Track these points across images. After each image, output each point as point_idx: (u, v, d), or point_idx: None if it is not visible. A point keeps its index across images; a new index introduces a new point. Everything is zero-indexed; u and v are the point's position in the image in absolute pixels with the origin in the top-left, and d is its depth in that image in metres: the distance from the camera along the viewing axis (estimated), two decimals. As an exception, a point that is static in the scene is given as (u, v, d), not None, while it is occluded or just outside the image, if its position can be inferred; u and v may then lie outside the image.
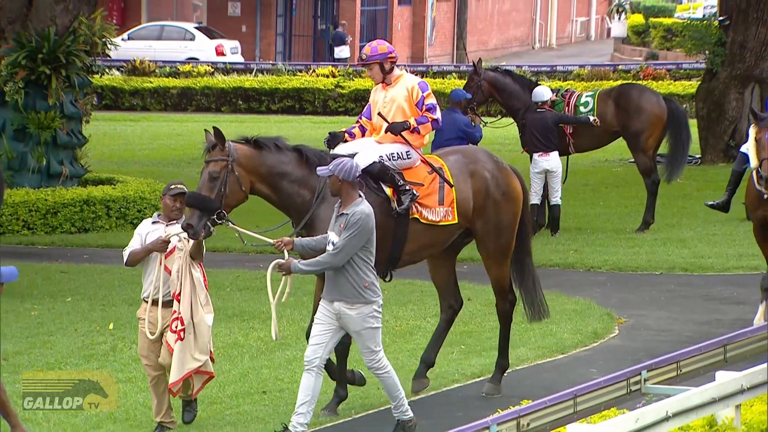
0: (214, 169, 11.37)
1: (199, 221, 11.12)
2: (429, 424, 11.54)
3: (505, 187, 12.50)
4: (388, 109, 12.20)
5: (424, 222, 12.06)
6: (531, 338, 14.84)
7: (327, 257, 10.76)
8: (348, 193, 10.84)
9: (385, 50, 12.29)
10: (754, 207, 14.32)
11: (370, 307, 10.89)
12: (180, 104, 39.78)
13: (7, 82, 21.26)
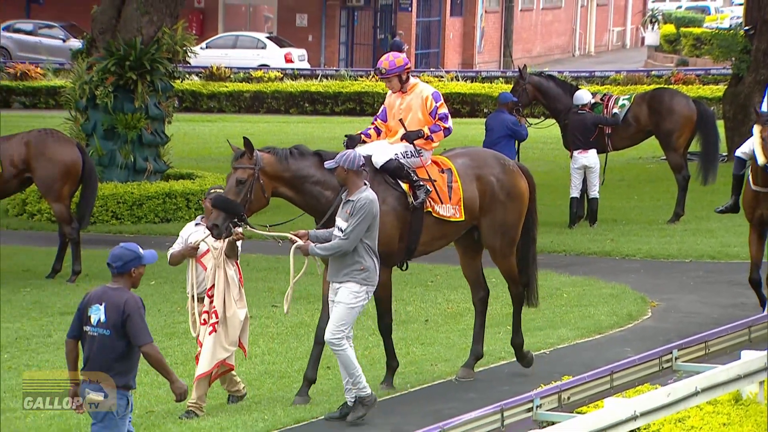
0: (241, 175, 11.26)
1: (223, 222, 11.01)
2: (477, 398, 11.52)
3: (510, 188, 12.34)
4: (405, 117, 12.06)
5: (436, 216, 11.95)
6: (571, 320, 14.80)
7: (338, 242, 10.75)
8: (353, 182, 10.82)
9: (402, 63, 12.07)
10: (752, 207, 13.94)
11: (360, 287, 10.82)
12: (252, 107, 39.88)
13: (98, 87, 21.41)
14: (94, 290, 8.70)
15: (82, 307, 8.60)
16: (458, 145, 33.67)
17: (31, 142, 17.54)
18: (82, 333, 8.59)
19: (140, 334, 8.46)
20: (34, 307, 16.02)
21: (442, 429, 8.63)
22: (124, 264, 8.54)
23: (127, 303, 8.45)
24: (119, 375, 8.52)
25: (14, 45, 47.29)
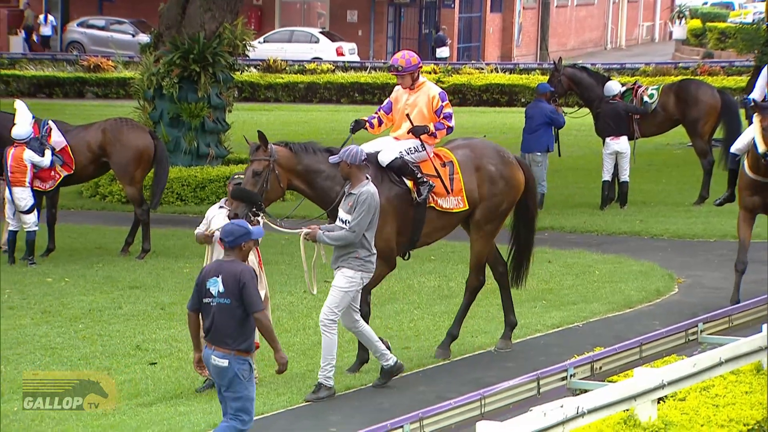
0: (257, 167, 11.22)
1: (243, 212, 10.97)
2: (515, 367, 11.50)
3: (508, 178, 12.19)
4: (410, 112, 11.93)
5: (439, 209, 11.85)
6: (603, 295, 14.73)
7: (344, 233, 10.70)
8: (356, 176, 10.74)
9: (416, 62, 11.99)
10: (748, 194, 13.68)
11: (355, 273, 10.78)
12: (306, 97, 39.89)
13: (165, 78, 21.49)
14: (209, 265, 8.98)
15: (200, 281, 8.80)
16: (498, 131, 33.68)
17: (107, 129, 17.74)
18: (201, 305, 8.77)
19: (254, 302, 8.68)
20: (105, 282, 16.11)
21: (482, 396, 8.62)
22: (235, 239, 8.77)
23: (243, 273, 8.68)
24: (240, 340, 8.69)
25: (87, 40, 47.55)
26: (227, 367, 8.66)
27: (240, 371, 8.68)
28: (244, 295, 8.64)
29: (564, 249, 17.61)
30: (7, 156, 16.86)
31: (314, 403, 10.89)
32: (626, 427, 8.71)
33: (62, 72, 40.56)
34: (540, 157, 20.39)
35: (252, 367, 8.79)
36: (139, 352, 12.92)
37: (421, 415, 8.23)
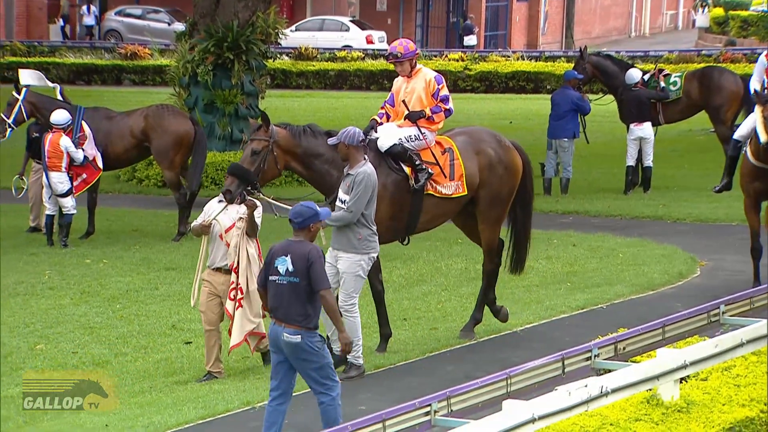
0: (256, 146, 11.07)
1: (236, 189, 10.88)
2: (541, 347, 11.48)
3: (507, 162, 12.07)
4: (409, 99, 11.79)
5: (438, 196, 11.70)
6: (626, 278, 14.69)
7: (343, 213, 10.60)
8: (354, 157, 10.63)
9: (413, 49, 11.84)
10: (750, 179, 13.46)
11: (360, 256, 10.71)
12: (337, 84, 39.88)
13: (199, 66, 21.52)
14: (278, 244, 8.98)
15: (269, 260, 8.88)
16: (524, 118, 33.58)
17: (149, 115, 17.90)
18: (268, 282, 8.84)
19: (320, 280, 8.74)
20: (142, 263, 16.18)
21: (508, 375, 8.62)
22: (304, 220, 8.84)
23: (311, 252, 8.76)
24: (309, 317, 8.76)
25: (124, 28, 47.69)
26: (299, 342, 8.74)
27: (312, 344, 8.78)
28: (311, 273, 8.70)
29: (588, 233, 17.57)
30: (45, 141, 16.96)
31: (344, 382, 10.90)
32: (649, 406, 8.69)
33: (100, 60, 40.70)
34: (567, 143, 20.35)
35: (322, 337, 8.88)
36: (174, 331, 12.98)
37: (449, 394, 8.23)
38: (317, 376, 8.83)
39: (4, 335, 12.93)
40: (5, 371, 11.79)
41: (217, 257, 11.23)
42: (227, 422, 9.90)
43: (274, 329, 8.83)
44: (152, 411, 10.30)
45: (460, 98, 37.15)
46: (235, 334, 11.11)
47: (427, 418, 8.08)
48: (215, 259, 11.25)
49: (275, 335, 8.83)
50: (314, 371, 8.82)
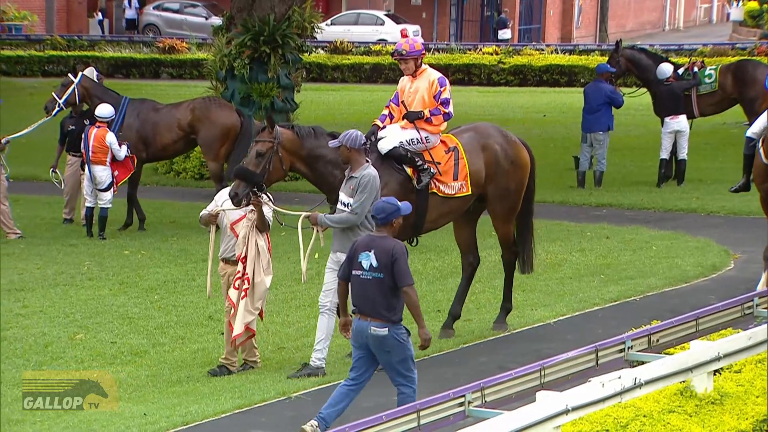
0: (261, 148, 10.95)
1: (243, 191, 10.81)
2: (574, 339, 11.45)
3: (513, 157, 11.95)
4: (412, 99, 11.63)
5: (442, 195, 11.59)
6: (660, 270, 14.62)
7: (347, 215, 10.47)
8: (356, 159, 10.46)
9: (419, 48, 11.57)
10: (761, 179, 13.10)
11: None
12: (372, 77, 39.88)
13: (236, 59, 21.54)
14: (360, 239, 9.09)
15: (351, 254, 8.94)
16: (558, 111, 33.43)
17: (196, 108, 18.05)
18: (351, 277, 8.91)
19: (404, 276, 8.78)
20: (180, 254, 16.25)
21: (542, 366, 8.60)
22: (387, 216, 8.90)
23: (395, 248, 8.81)
24: (394, 312, 8.83)
25: (163, 22, 47.88)
26: (386, 335, 8.82)
27: (398, 336, 8.86)
28: (395, 269, 8.74)
29: (622, 225, 17.51)
30: (90, 135, 17.07)
31: (378, 372, 10.91)
32: (683, 398, 8.65)
33: (139, 53, 40.89)
34: (602, 136, 20.30)
35: (407, 331, 8.95)
36: (211, 322, 13.03)
37: (483, 385, 8.22)
38: (400, 368, 8.93)
39: (45, 324, 13.03)
40: (46, 360, 11.88)
41: (227, 248, 11.25)
42: (264, 412, 9.94)
43: (360, 324, 8.88)
44: (190, 400, 10.35)
45: (494, 92, 37.10)
46: (238, 323, 11.01)
47: (461, 408, 8.08)
48: (226, 249, 11.27)
49: (361, 329, 8.89)
50: (398, 363, 8.92)
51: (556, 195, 20.03)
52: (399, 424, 7.72)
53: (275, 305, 13.27)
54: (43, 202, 19.16)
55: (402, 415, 7.81)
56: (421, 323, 8.99)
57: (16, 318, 13.29)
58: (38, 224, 18.31)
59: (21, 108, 18.18)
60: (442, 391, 8.24)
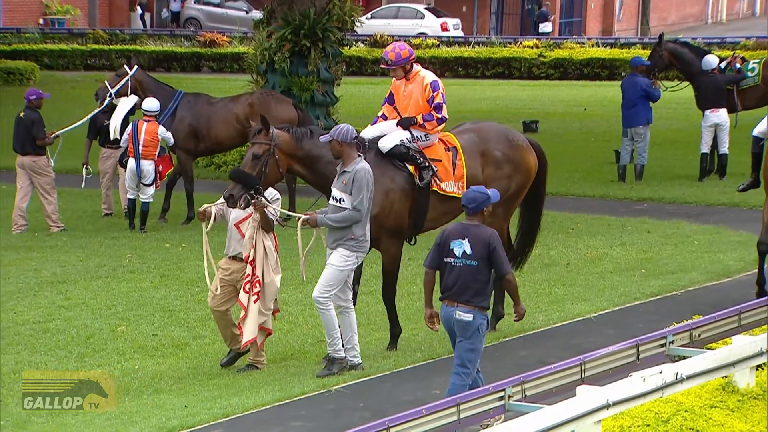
0: (257, 150, 10.79)
1: (239, 193, 10.71)
2: (615, 333, 11.40)
3: (516, 161, 11.69)
4: (406, 103, 11.50)
5: (442, 193, 11.44)
6: (701, 264, 14.53)
7: (349, 213, 10.36)
8: (348, 154, 10.41)
9: (407, 55, 11.37)
10: None
11: (349, 253, 10.44)
12: (412, 70, 39.84)
13: (276, 53, 21.59)
14: (451, 227, 9.17)
15: (442, 241, 9.05)
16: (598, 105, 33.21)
17: (254, 102, 18.12)
18: (441, 264, 9.01)
19: (504, 264, 8.97)
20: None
21: (582, 361, 8.57)
22: (478, 205, 9.04)
23: (492, 237, 8.95)
24: (482, 298, 8.98)
25: (204, 16, 48.08)
26: (471, 321, 8.96)
27: (481, 326, 9.01)
28: (494, 258, 8.88)
29: (663, 219, 17.41)
30: (140, 129, 17.16)
31: (418, 366, 10.92)
32: (724, 393, 8.60)
33: (180, 47, 41.08)
34: (642, 130, 20.20)
35: (488, 323, 9.12)
36: (252, 314, 13.06)
37: (523, 379, 8.21)
38: (466, 357, 9.05)
39: (87, 317, 13.13)
40: (88, 352, 11.96)
41: (231, 245, 11.19)
42: (303, 405, 9.96)
43: (447, 310, 9.03)
44: (230, 393, 10.39)
45: (534, 85, 36.98)
46: (251, 327, 10.92)
47: (501, 402, 8.07)
48: (229, 247, 11.21)
49: (447, 315, 9.04)
50: (467, 351, 9.03)
51: (597, 189, 19.94)
52: (439, 417, 7.72)
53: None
54: (84, 195, 19.29)
55: (442, 408, 7.80)
56: (517, 301, 9.18)
57: (59, 310, 13.40)
58: (80, 217, 18.45)
59: (63, 102, 18.30)
60: (483, 384, 8.22)
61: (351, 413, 9.56)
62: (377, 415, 8.76)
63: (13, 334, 12.47)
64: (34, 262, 15.59)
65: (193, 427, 9.45)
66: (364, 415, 9.38)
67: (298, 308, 13.06)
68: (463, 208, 9.12)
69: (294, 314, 12.65)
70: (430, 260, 9.13)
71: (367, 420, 8.82)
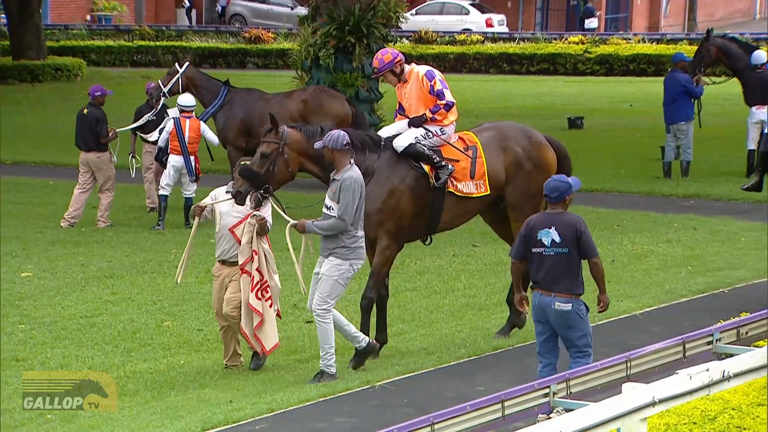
0: (266, 149, 10.64)
1: (246, 190, 10.61)
2: (660, 331, 11.34)
3: (537, 159, 11.52)
4: (410, 103, 11.33)
5: (459, 194, 11.24)
6: (748, 262, 14.41)
7: (335, 221, 10.21)
8: (339, 161, 10.25)
9: (390, 58, 11.19)
10: None
11: (342, 262, 10.26)
12: (456, 67, 39.82)
13: (321, 49, 21.63)
14: (535, 217, 9.33)
15: (528, 232, 9.17)
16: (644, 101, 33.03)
17: (308, 99, 18.13)
18: (529, 255, 9.14)
19: (592, 248, 9.12)
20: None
21: (628, 358, 8.51)
22: (560, 194, 9.13)
23: (579, 222, 9.12)
24: (576, 284, 9.11)
25: (249, 12, 48.26)
26: (570, 310, 9.09)
27: (580, 311, 9.13)
28: (582, 242, 9.02)
29: (709, 216, 17.29)
30: (184, 126, 17.25)
31: (463, 362, 10.90)
32: (772, 391, 8.52)
33: (225, 43, 41.28)
34: (684, 126, 20.07)
35: (587, 306, 9.22)
36: (296, 310, 13.11)
37: (568, 376, 8.16)
38: (582, 343, 9.18)
39: (133, 311, 13.22)
40: (134, 347, 12.04)
41: (225, 250, 11.09)
42: (348, 400, 9.97)
43: (543, 299, 9.12)
44: (275, 388, 10.42)
45: (579, 81, 36.81)
46: (271, 333, 10.84)
47: (546, 399, 8.03)
48: (223, 251, 11.11)
49: (544, 305, 9.13)
50: (578, 339, 9.17)
51: (643, 186, 19.83)
52: (483, 414, 7.69)
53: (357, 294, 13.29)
54: (131, 190, 19.41)
55: (486, 405, 7.77)
56: (603, 289, 9.27)
57: (105, 305, 13.50)
58: (126, 212, 18.57)
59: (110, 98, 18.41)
60: (527, 381, 8.19)
61: (395, 409, 9.56)
62: (421, 412, 8.75)
63: (60, 329, 12.57)
64: (81, 257, 15.71)
65: (238, 422, 9.48)
66: (408, 411, 9.38)
67: (342, 304, 13.07)
68: (545, 197, 9.26)
69: (338, 310, 12.65)
70: (516, 251, 9.28)
71: (411, 416, 8.80)
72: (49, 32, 40.77)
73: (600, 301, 9.33)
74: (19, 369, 11.22)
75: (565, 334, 9.18)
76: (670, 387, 7.84)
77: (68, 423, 10.03)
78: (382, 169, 11.04)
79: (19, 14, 36.23)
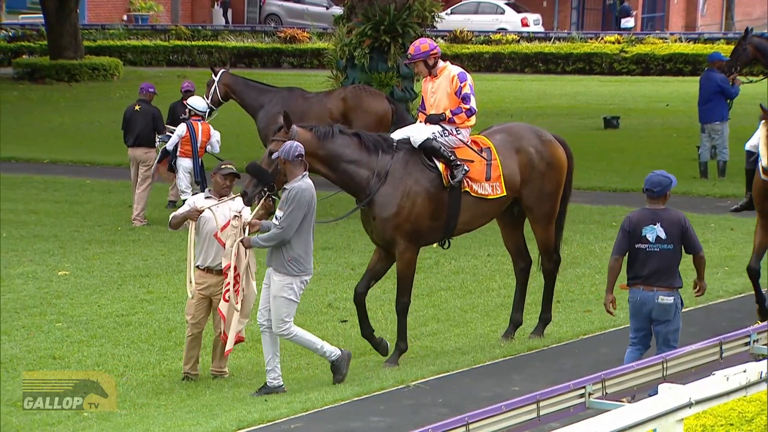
0: (274, 148, 10.46)
1: (253, 190, 10.40)
2: (697, 331, 11.26)
3: (549, 158, 11.43)
4: (434, 99, 11.19)
5: (475, 195, 11.07)
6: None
7: (275, 232, 10.06)
8: (291, 171, 10.15)
9: (427, 48, 11.15)
10: (760, 198, 12.00)
11: (290, 279, 10.11)
12: (491, 66, 39.75)
13: (356, 49, 21.64)
14: (639, 213, 9.47)
15: (631, 229, 9.39)
16: (681, 101, 32.80)
17: (347, 97, 18.20)
18: (631, 250, 9.37)
19: (697, 242, 9.47)
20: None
21: (664, 359, 8.47)
22: (663, 188, 9.36)
23: (683, 218, 9.40)
24: (677, 278, 9.44)
25: (284, 12, 48.36)
26: (671, 303, 9.43)
27: (678, 304, 9.50)
28: (687, 237, 9.32)
29: (746, 217, 17.12)
30: (197, 129, 17.32)
31: (498, 362, 10.88)
32: (810, 393, 8.44)
33: (260, 43, 41.39)
34: (719, 126, 19.96)
35: (682, 301, 9.57)
36: (330, 310, 13.13)
37: (604, 377, 8.13)
38: (672, 337, 9.50)
39: (169, 310, 13.27)
40: (170, 345, 12.09)
41: (209, 256, 10.88)
42: (382, 400, 9.97)
43: (644, 294, 9.40)
44: (310, 387, 10.44)
45: (615, 81, 36.65)
46: (231, 337, 10.68)
47: (582, 400, 8.00)
48: (207, 258, 10.89)
49: (644, 300, 9.41)
50: (670, 333, 9.47)
51: (679, 185, 19.45)
52: (518, 414, 7.67)
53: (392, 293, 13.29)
54: (165, 189, 19.50)
55: (521, 405, 7.76)
56: (702, 276, 9.66)
57: (141, 303, 13.57)
58: (162, 211, 18.64)
59: (146, 97, 18.56)
60: (563, 381, 8.16)
61: (429, 409, 9.55)
62: (456, 411, 8.75)
63: (96, 327, 12.65)
64: (118, 255, 15.80)
65: (273, 420, 9.50)
66: (443, 411, 9.37)
67: (377, 303, 13.08)
68: (646, 192, 9.40)
69: (372, 309, 12.65)
70: (618, 248, 9.44)
71: (445, 416, 8.79)
72: (87, 32, 41.02)
73: (698, 286, 9.66)
74: (56, 367, 11.30)
75: (661, 329, 9.44)
76: (706, 388, 7.80)
77: (104, 421, 10.08)
78: (396, 170, 10.95)
79: (57, 14, 36.49)
